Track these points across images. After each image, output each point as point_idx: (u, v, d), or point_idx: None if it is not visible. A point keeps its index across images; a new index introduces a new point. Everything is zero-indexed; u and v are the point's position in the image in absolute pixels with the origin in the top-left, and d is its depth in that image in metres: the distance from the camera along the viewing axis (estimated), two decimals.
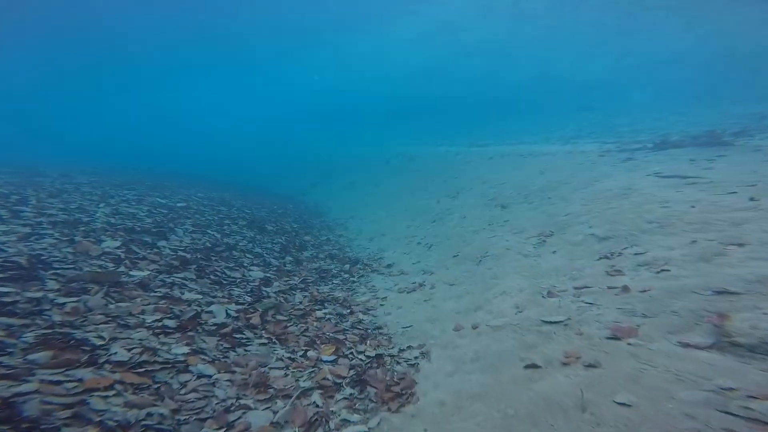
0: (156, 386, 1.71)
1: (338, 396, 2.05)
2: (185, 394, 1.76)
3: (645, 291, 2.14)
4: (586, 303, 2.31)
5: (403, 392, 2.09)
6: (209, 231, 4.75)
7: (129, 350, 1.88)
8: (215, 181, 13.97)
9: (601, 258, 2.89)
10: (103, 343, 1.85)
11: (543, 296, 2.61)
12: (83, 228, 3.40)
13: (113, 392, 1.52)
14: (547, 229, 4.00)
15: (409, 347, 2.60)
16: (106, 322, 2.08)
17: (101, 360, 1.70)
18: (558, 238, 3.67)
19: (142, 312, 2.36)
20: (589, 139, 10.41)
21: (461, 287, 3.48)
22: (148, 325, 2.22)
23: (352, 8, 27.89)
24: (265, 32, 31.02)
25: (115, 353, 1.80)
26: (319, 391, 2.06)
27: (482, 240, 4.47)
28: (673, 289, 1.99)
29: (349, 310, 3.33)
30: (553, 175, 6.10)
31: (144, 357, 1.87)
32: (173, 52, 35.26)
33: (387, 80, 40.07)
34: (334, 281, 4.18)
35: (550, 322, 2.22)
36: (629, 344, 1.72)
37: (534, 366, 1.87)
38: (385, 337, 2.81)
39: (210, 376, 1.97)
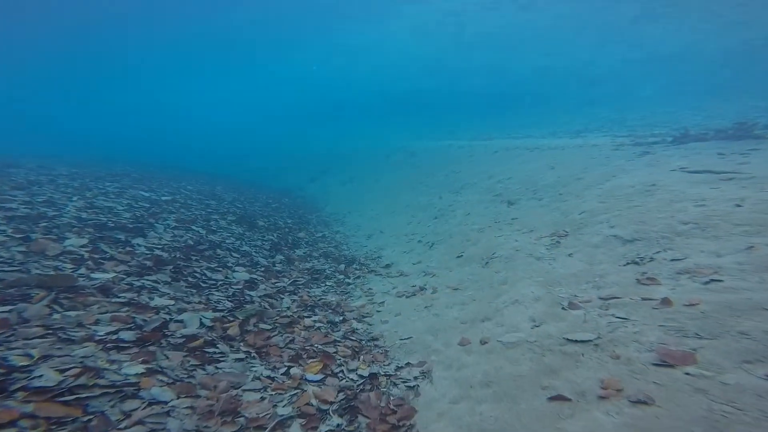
0: (86, 419, 1.36)
1: (323, 427, 1.70)
2: (125, 428, 1.41)
3: (693, 305, 1.77)
4: (618, 318, 1.95)
5: (401, 423, 1.74)
6: (194, 227, 4.40)
7: (62, 372, 1.53)
8: (210, 174, 13.63)
9: (628, 263, 2.52)
10: (28, 363, 1.51)
11: (563, 307, 2.24)
12: (45, 224, 3.05)
13: (12, 431, 1.17)
14: (560, 229, 3.62)
15: (407, 364, 2.25)
16: (42, 336, 1.74)
17: (15, 386, 1.35)
18: (574, 239, 3.30)
19: (96, 322, 2.01)
20: (599, 132, 9.97)
21: (466, 293, 3.12)
22: (99, 338, 1.87)
23: (352, 1, 27.31)
24: (265, 26, 30.48)
25: (40, 376, 1.45)
26: (300, 421, 1.72)
27: (488, 239, 4.10)
28: (733, 304, 1.62)
29: (341, 317, 2.98)
30: (563, 169, 5.70)
31: (81, 380, 1.52)
32: (173, 48, 34.85)
33: (389, 74, 39.42)
34: (327, 283, 3.83)
35: (576, 341, 1.86)
36: (688, 374, 1.36)
37: (562, 398, 1.51)
38: (380, 351, 2.46)
39: (165, 403, 1.62)
